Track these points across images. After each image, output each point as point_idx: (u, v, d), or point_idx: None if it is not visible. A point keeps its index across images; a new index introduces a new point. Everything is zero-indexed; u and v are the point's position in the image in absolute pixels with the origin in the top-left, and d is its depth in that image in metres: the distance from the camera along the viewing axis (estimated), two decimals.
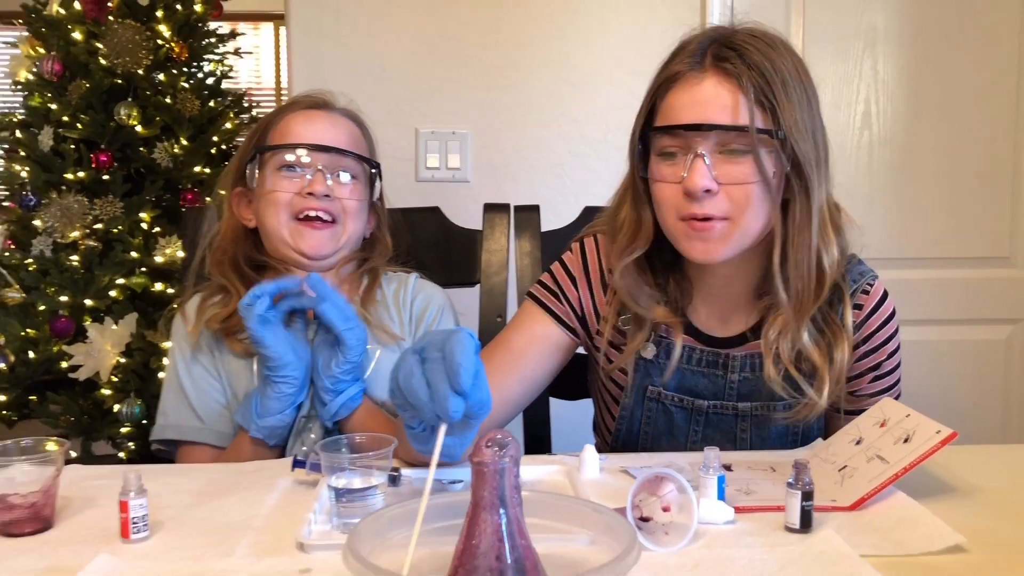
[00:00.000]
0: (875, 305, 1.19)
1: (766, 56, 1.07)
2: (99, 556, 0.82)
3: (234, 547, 0.85)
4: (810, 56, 2.41)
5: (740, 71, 1.06)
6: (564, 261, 1.28)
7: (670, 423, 1.22)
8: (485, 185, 2.30)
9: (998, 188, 2.45)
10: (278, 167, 1.33)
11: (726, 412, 1.20)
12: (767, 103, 1.06)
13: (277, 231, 1.33)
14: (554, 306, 1.25)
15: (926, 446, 0.95)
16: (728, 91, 1.07)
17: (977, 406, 2.51)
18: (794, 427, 1.20)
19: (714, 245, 1.09)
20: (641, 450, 1.24)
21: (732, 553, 0.82)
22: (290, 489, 1.02)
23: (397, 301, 1.41)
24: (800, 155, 1.07)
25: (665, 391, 1.21)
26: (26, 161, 2.53)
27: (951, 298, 2.49)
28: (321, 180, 1.31)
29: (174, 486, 1.03)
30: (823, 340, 1.15)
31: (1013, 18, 2.39)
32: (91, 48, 2.50)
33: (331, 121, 1.38)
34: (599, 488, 1.02)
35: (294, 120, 1.36)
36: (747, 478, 1.04)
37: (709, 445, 1.11)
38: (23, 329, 2.42)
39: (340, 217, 1.34)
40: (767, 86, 1.06)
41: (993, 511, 0.95)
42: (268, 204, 1.34)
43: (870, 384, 1.22)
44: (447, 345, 0.80)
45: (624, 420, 1.25)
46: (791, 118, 1.06)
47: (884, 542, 0.85)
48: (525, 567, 0.65)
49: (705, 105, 1.07)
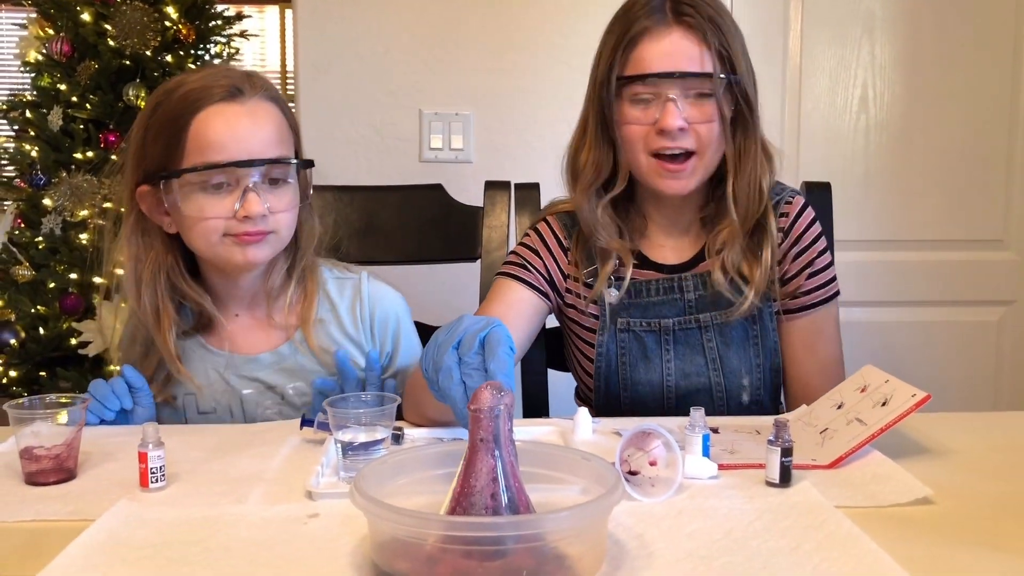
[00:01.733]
0: (798, 212, 1.35)
1: (715, 10, 1.26)
2: (120, 501, 0.87)
3: (247, 495, 0.90)
4: (808, 40, 2.44)
5: (702, 24, 1.24)
6: (524, 242, 1.41)
7: (643, 349, 1.33)
8: (487, 165, 2.35)
9: (992, 172, 2.48)
10: (201, 187, 1.17)
11: (690, 326, 1.32)
12: (724, 52, 1.24)
13: (209, 251, 1.21)
14: (524, 275, 1.36)
15: (902, 408, 1.00)
16: (693, 43, 1.24)
17: (969, 386, 2.54)
18: (752, 331, 1.33)
19: (686, 181, 1.27)
20: (622, 385, 1.34)
21: (713, 503, 0.87)
22: (299, 446, 1.07)
23: (354, 315, 1.33)
24: (748, 96, 1.27)
25: (632, 319, 1.32)
26: (36, 141, 2.58)
27: (945, 279, 2.52)
28: (256, 201, 1.16)
29: (189, 443, 1.08)
30: (752, 242, 1.31)
31: (1008, 4, 2.42)
32: (100, 29, 2.54)
33: (253, 117, 1.19)
34: (592, 448, 1.06)
35: (211, 122, 1.17)
36: (732, 439, 1.09)
37: (680, 361, 1.30)
38: (33, 306, 2.47)
39: (277, 227, 1.22)
40: (723, 37, 1.25)
41: (962, 469, 1.00)
42: (194, 227, 1.19)
43: (807, 281, 1.35)
44: (488, 346, 0.88)
45: (602, 358, 1.34)
46: (740, 64, 1.26)
47: (857, 495, 0.90)
48: (518, 506, 0.71)
49: (674, 55, 1.24)
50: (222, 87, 1.19)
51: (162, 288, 1.24)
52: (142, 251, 1.24)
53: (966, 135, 2.47)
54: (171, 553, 0.77)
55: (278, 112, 1.24)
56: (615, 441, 1.11)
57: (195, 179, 1.17)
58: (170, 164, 1.18)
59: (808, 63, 2.44)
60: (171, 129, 1.18)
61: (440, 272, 1.56)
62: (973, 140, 2.47)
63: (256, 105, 1.21)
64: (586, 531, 0.71)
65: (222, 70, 1.25)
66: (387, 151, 2.33)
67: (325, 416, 1.01)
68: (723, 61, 1.24)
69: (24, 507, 0.89)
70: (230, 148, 1.17)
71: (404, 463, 0.81)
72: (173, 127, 1.17)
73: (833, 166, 2.47)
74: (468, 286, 1.62)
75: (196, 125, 1.17)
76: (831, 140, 2.48)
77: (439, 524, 0.68)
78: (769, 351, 1.33)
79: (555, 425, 1.15)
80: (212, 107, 1.17)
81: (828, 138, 2.48)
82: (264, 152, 1.19)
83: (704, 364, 1.32)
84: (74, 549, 0.77)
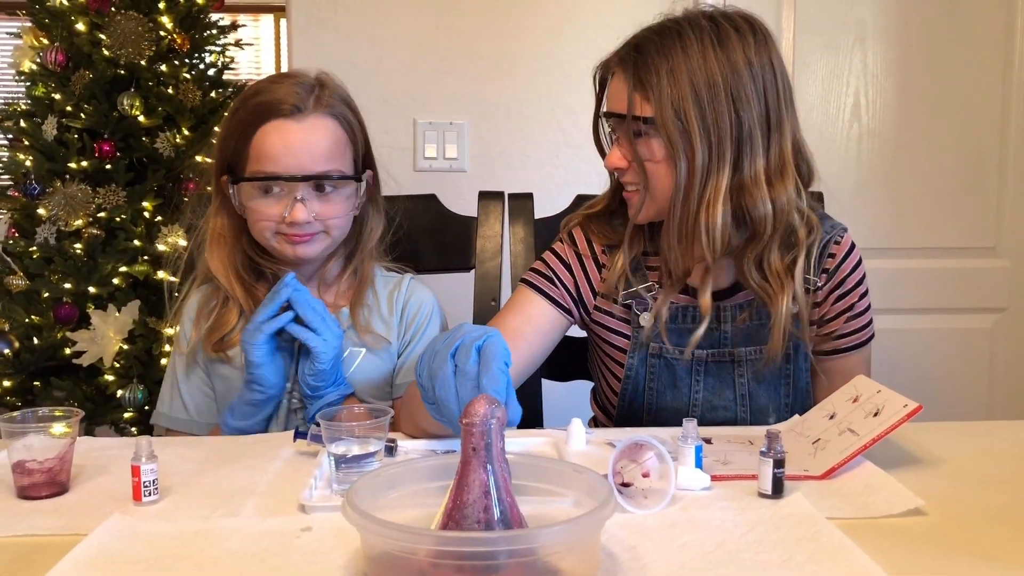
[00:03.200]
0: (846, 253, 1.32)
1: (660, 51, 1.20)
2: (112, 515, 0.87)
3: (239, 508, 0.91)
4: (800, 49, 2.46)
5: (629, 65, 1.22)
6: (556, 250, 1.37)
7: (673, 376, 1.31)
8: (481, 174, 2.35)
9: (984, 179, 2.50)
10: (258, 191, 1.32)
11: (723, 359, 1.31)
12: (650, 94, 1.19)
13: (265, 243, 1.36)
14: (549, 289, 1.34)
15: (894, 418, 1.01)
16: (622, 84, 1.23)
17: (963, 392, 2.56)
18: (785, 370, 1.31)
19: (632, 211, 1.28)
20: (646, 408, 1.33)
21: (706, 515, 0.88)
22: (292, 458, 1.07)
23: (391, 303, 1.44)
24: (673, 141, 1.19)
25: (667, 346, 1.30)
26: (30, 150, 2.57)
27: (938, 287, 2.54)
28: (301, 210, 1.30)
29: (181, 456, 1.08)
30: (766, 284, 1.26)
31: (999, 12, 2.44)
32: (94, 39, 2.53)
33: (308, 133, 1.31)
34: (585, 459, 1.06)
35: (270, 136, 1.30)
36: (725, 450, 1.09)
37: (708, 393, 1.27)
38: (27, 316, 2.46)
39: (327, 227, 1.34)
40: (648, 77, 1.19)
41: (953, 479, 1.00)
42: (253, 224, 1.35)
43: (845, 324, 1.33)
44: (483, 359, 0.90)
45: (630, 380, 1.33)
46: (667, 108, 1.19)
47: (849, 505, 0.91)
48: (511, 521, 0.71)
49: (609, 98, 1.26)
50: (288, 104, 1.31)
51: (239, 254, 1.39)
52: (226, 222, 1.39)
53: (958, 142, 2.48)
54: (163, 567, 0.78)
55: (335, 127, 1.35)
56: (608, 452, 1.11)
57: (253, 184, 1.32)
58: (237, 165, 1.34)
59: (800, 71, 2.46)
60: (240, 135, 1.33)
61: (433, 282, 1.57)
62: (965, 147, 2.49)
63: (314, 122, 1.32)
64: (579, 544, 0.71)
65: (295, 81, 1.35)
66: (381, 161, 2.32)
67: (318, 428, 1.01)
68: (648, 102, 1.21)
69: (16, 522, 0.89)
70: (283, 161, 1.30)
71: (397, 476, 0.81)
72: (242, 134, 1.33)
73: (826, 174, 2.46)
74: (462, 296, 1.62)
75: (258, 137, 1.31)
76: (823, 148, 2.48)
77: (430, 539, 0.68)
78: (800, 392, 1.32)
79: (549, 436, 1.15)
80: (273, 122, 1.30)
81: (820, 146, 2.46)
82: (313, 166, 1.31)
83: (733, 399, 1.31)
84: (66, 564, 0.77)
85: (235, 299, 1.37)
